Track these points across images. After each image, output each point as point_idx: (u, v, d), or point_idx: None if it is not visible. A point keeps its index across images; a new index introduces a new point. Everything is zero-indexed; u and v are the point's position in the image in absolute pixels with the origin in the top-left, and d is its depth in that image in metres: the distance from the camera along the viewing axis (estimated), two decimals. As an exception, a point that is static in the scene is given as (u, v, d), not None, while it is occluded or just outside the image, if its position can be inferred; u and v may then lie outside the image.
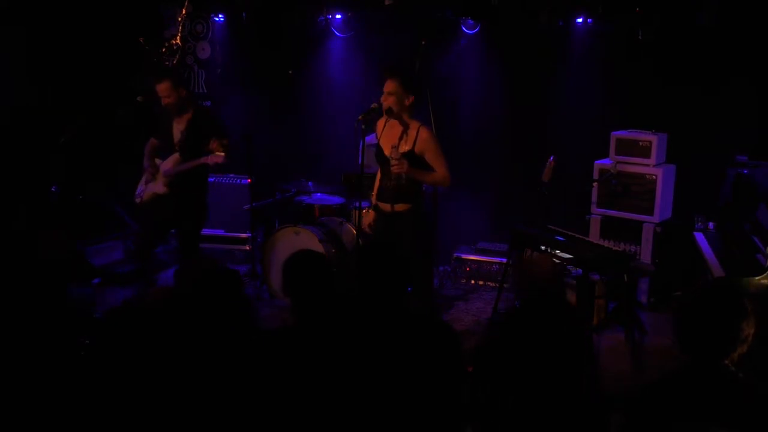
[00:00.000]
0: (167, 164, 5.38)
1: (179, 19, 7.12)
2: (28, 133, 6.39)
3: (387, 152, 4.67)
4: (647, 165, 5.85)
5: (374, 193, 4.95)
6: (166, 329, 2.98)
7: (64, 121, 5.79)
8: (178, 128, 5.34)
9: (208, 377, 2.84)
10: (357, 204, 5.12)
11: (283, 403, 2.75)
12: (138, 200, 5.57)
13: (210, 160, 5.21)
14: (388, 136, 4.72)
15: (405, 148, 4.62)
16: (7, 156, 6.32)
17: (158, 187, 5.42)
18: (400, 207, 4.74)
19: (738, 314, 2.32)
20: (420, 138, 4.62)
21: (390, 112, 4.61)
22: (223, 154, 5.17)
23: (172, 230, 5.83)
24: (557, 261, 5.12)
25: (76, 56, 6.79)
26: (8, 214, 6.10)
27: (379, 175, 4.92)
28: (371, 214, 4.92)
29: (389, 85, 4.58)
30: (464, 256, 6.62)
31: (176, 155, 5.34)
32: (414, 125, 4.65)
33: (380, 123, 4.78)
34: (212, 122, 5.43)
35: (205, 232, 7.04)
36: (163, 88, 5.19)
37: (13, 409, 2.86)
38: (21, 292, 3.76)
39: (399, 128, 4.68)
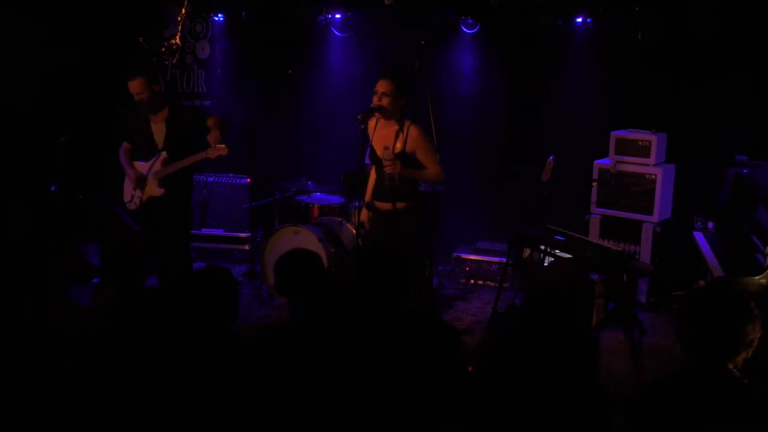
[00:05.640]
0: (156, 165, 5.20)
1: (179, 18, 7.11)
2: (28, 132, 6.39)
3: (380, 153, 4.68)
4: (647, 165, 5.85)
5: (368, 191, 4.96)
6: (157, 328, 2.98)
7: (64, 121, 5.78)
8: (157, 127, 5.19)
9: (201, 376, 2.84)
10: (357, 204, 5.13)
11: (280, 401, 2.75)
12: (133, 206, 5.38)
13: (212, 153, 5.04)
14: (380, 136, 4.73)
15: (397, 148, 4.63)
16: (7, 155, 6.31)
17: (154, 189, 5.22)
18: (400, 205, 4.75)
19: (744, 317, 2.26)
20: (410, 136, 4.64)
21: (382, 111, 4.62)
22: (224, 145, 5.01)
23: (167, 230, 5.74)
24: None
25: (77, 56, 6.78)
26: (8, 213, 6.09)
27: (373, 174, 4.92)
28: (365, 212, 4.94)
29: (383, 85, 4.60)
30: (464, 256, 6.62)
31: (163, 155, 5.17)
32: (404, 124, 4.67)
33: (371, 123, 4.78)
34: (193, 115, 5.33)
35: (205, 231, 7.09)
36: (135, 84, 5.04)
37: (9, 408, 2.86)
38: (21, 292, 3.76)
39: (390, 128, 4.69)
